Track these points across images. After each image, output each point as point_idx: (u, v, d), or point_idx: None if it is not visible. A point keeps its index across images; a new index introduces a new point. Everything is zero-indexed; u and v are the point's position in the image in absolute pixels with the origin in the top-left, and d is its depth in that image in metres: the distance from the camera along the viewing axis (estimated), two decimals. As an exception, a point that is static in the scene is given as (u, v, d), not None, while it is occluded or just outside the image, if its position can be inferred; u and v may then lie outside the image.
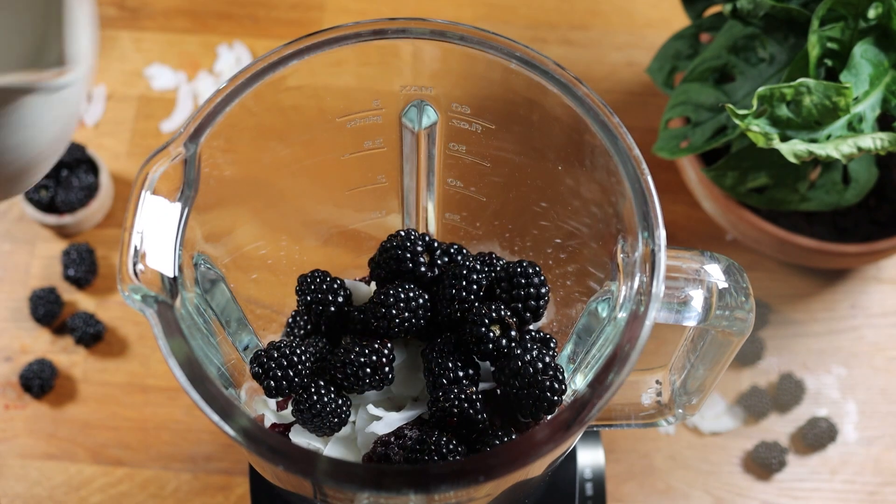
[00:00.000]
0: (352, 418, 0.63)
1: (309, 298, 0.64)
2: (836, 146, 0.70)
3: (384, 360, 0.60)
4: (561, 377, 0.58)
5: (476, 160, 0.66)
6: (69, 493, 0.86)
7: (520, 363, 0.58)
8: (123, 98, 1.01)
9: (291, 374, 0.59)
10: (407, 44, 0.59)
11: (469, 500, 0.56)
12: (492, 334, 0.60)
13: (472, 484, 0.49)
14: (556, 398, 0.58)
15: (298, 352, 0.59)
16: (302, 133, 0.65)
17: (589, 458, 0.77)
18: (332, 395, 0.60)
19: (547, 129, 0.61)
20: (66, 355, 0.90)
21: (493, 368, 0.61)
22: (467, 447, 0.59)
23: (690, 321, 0.56)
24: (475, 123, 0.63)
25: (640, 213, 0.54)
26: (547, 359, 0.58)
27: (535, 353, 0.58)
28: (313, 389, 0.60)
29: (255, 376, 0.60)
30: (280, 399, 0.65)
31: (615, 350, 0.52)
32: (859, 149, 0.70)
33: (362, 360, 0.60)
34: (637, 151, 0.56)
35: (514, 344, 0.61)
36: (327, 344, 0.63)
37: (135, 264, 0.53)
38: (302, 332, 0.66)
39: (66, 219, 0.93)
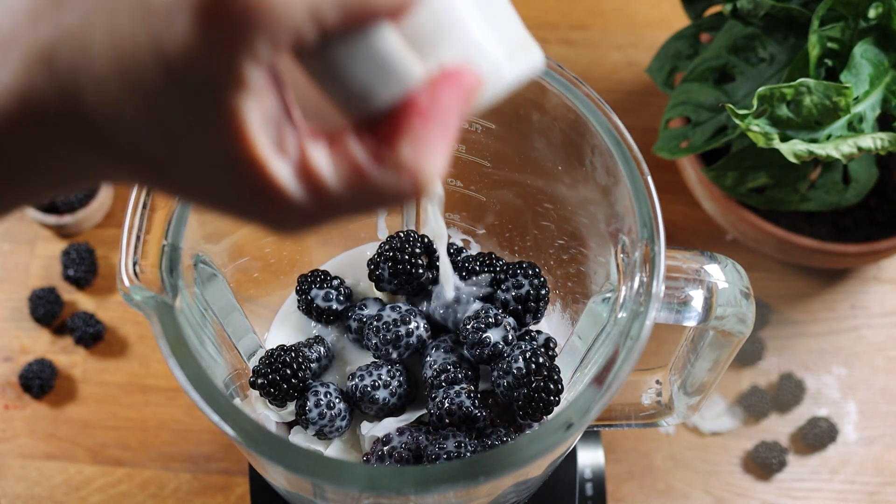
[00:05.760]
0: (352, 418, 0.63)
1: (309, 298, 0.64)
2: (836, 146, 0.70)
3: (394, 389, 0.61)
4: (557, 378, 0.58)
5: (476, 159, 0.66)
6: (69, 493, 0.85)
7: (515, 364, 0.58)
8: (123, 98, 1.01)
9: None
10: (407, 44, 0.59)
11: (469, 499, 0.56)
12: (489, 338, 0.60)
13: (472, 484, 0.48)
14: (552, 398, 0.58)
15: (300, 356, 0.60)
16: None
17: (589, 458, 0.77)
18: (334, 401, 0.60)
19: (547, 129, 0.61)
20: (66, 355, 0.90)
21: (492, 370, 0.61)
22: (467, 447, 0.59)
23: (690, 321, 0.56)
24: (475, 123, 0.63)
25: (640, 213, 0.54)
26: (542, 359, 0.58)
27: (530, 353, 0.58)
28: (315, 393, 0.60)
29: (256, 386, 0.60)
30: (280, 399, 0.65)
31: (615, 350, 0.52)
32: (859, 149, 0.70)
33: (375, 390, 0.60)
34: (637, 151, 0.56)
35: (510, 345, 0.61)
36: (329, 347, 0.63)
37: (135, 264, 0.53)
38: (302, 332, 0.66)
39: (66, 219, 0.92)
